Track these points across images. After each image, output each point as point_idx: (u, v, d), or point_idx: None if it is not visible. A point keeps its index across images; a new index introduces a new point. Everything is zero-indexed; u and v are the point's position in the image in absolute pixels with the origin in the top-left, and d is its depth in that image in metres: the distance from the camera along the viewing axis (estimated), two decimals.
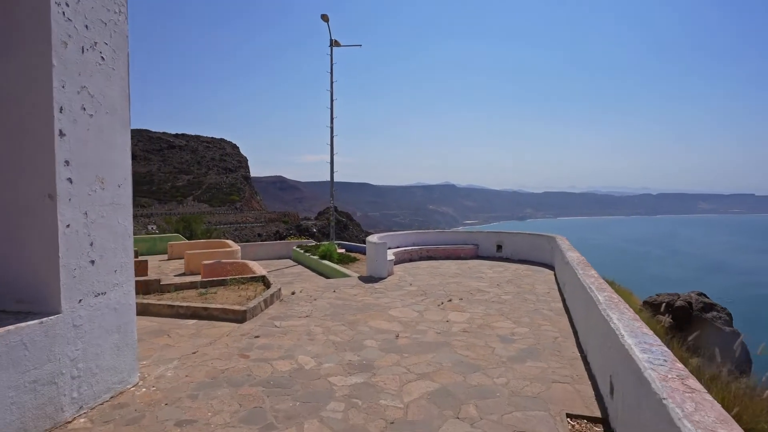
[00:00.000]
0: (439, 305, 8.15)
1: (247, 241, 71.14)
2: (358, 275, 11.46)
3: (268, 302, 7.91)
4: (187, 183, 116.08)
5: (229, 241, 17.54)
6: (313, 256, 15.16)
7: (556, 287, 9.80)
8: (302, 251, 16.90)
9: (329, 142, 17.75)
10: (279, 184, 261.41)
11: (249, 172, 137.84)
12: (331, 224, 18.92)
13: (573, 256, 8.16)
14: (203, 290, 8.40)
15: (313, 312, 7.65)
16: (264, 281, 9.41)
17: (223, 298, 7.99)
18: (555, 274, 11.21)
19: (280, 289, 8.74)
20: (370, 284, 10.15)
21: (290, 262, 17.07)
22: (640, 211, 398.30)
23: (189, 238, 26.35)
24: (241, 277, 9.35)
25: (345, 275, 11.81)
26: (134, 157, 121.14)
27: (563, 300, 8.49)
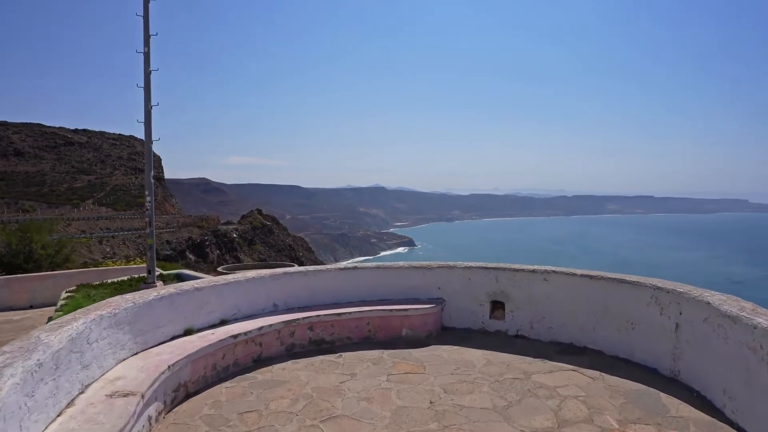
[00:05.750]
0: None
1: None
2: None
3: None
4: (87, 184, 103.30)
5: None
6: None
7: None
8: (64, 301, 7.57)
9: (143, 85, 8.74)
10: (203, 186, 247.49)
11: (163, 172, 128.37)
12: (150, 240, 9.54)
13: None
14: None
15: None
16: None
17: None
18: None
19: None
20: None
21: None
22: (558, 212, 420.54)
23: (25, 259, 15.86)
24: None
25: None
26: (21, 154, 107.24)
27: None
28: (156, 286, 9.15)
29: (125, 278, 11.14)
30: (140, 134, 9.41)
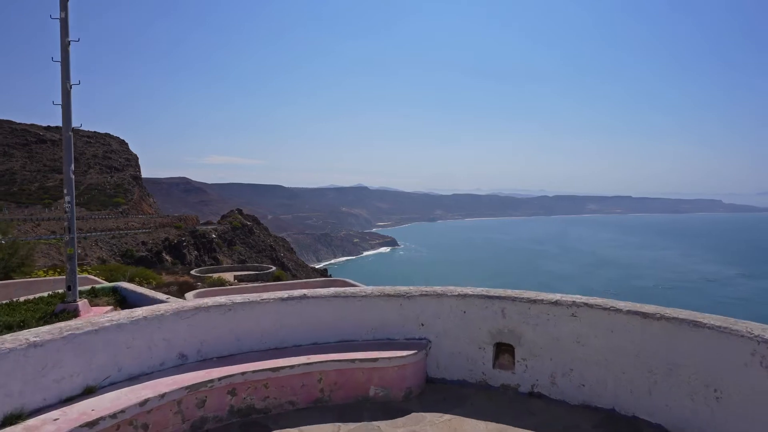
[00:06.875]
0: None
1: (126, 252, 55.67)
2: None
3: None
4: (59, 183, 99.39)
5: None
6: None
7: None
8: None
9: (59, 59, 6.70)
10: (183, 185, 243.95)
11: (140, 171, 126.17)
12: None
13: None
14: None
15: None
16: None
17: None
18: None
19: None
20: None
21: None
22: (539, 211, 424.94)
23: None
24: None
25: None
26: None
27: None
28: (77, 305, 7.36)
29: (45, 294, 9.19)
30: (119, 133, 7.60)
